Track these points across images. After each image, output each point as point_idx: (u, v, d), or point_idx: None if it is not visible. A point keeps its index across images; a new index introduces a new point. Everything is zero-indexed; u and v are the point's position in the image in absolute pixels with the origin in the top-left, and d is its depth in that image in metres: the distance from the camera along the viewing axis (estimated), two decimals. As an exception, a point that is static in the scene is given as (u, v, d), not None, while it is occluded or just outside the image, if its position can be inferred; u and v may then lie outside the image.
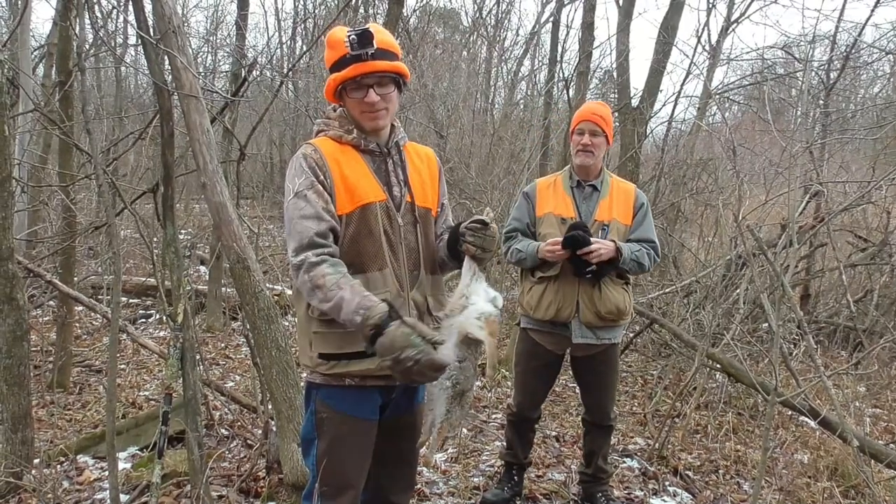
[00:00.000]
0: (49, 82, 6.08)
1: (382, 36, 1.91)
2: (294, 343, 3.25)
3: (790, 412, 4.58)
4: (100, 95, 13.31)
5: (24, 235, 5.77)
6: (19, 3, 6.31)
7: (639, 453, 4.11)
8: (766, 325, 5.30)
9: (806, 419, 4.33)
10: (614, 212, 3.05)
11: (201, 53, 14.44)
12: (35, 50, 7.81)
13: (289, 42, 15.26)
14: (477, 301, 1.89)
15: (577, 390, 4.81)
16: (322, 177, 1.89)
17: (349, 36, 1.86)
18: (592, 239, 2.88)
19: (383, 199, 1.94)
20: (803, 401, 3.56)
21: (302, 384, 3.18)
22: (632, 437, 4.39)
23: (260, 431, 3.66)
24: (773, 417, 3.68)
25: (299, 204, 1.86)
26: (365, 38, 1.85)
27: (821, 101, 6.86)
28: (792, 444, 4.29)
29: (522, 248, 3.07)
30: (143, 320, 7.02)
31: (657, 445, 4.05)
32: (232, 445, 3.90)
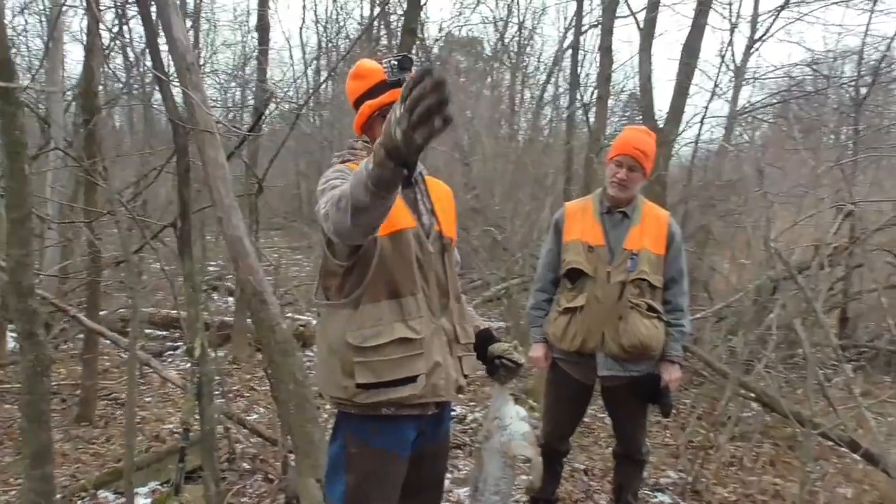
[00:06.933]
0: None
1: None
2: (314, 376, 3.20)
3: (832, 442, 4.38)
4: (132, 132, 13.63)
5: (55, 270, 5.85)
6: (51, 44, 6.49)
7: (671, 487, 3.95)
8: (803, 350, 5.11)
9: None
10: (645, 240, 2.93)
11: (230, 89, 14.73)
12: (68, 90, 8.02)
13: (314, 75, 15.52)
14: (512, 422, 2.16)
15: (608, 421, 4.68)
16: None
17: (389, 62, 1.89)
18: (663, 376, 2.97)
19: (414, 225, 1.94)
20: (842, 431, 3.40)
21: (321, 419, 3.14)
22: (663, 470, 4.23)
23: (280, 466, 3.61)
24: (811, 450, 3.51)
25: (333, 182, 1.80)
26: (406, 62, 1.89)
27: (851, 118, 6.69)
28: (834, 476, 4.09)
29: (532, 324, 3.18)
30: (171, 352, 7.04)
31: (690, 479, 3.90)
32: (253, 480, 3.85)
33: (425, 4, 12.96)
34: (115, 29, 6.60)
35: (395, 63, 1.89)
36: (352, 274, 1.90)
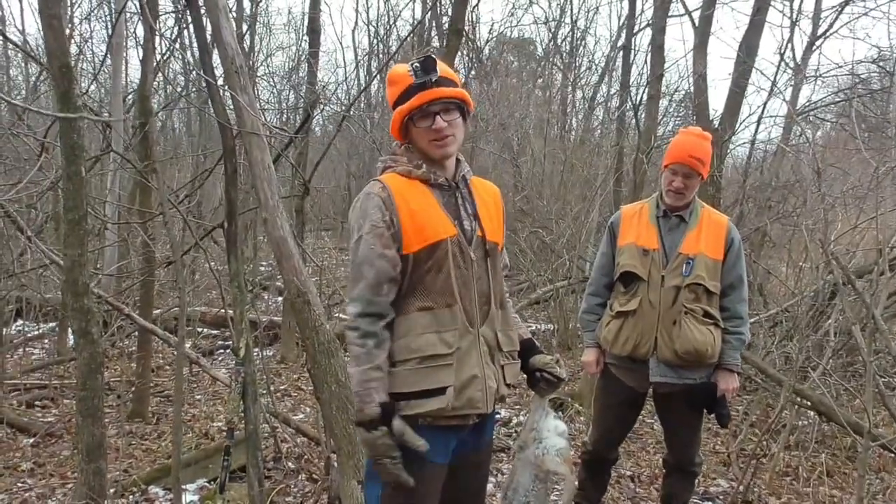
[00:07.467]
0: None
1: (442, 65, 1.93)
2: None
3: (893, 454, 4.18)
4: (188, 135, 14.01)
5: (113, 270, 6.06)
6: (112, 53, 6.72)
7: (721, 496, 3.84)
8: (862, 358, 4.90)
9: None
10: (702, 244, 2.85)
11: (283, 91, 15.01)
12: (128, 94, 8.30)
13: (366, 76, 15.68)
14: (549, 436, 2.12)
15: (656, 427, 4.58)
16: (388, 216, 1.87)
17: (412, 65, 1.89)
18: (719, 385, 2.89)
19: (454, 233, 1.91)
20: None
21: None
22: (714, 479, 4.11)
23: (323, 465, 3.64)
24: (867, 462, 3.35)
25: (359, 247, 1.88)
26: (428, 64, 1.88)
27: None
28: (896, 490, 3.91)
29: (585, 328, 3.17)
30: (221, 351, 7.20)
31: (742, 488, 3.77)
32: (298, 479, 3.89)
33: (477, 5, 12.99)
34: (174, 33, 6.82)
35: (418, 65, 1.89)
36: None
